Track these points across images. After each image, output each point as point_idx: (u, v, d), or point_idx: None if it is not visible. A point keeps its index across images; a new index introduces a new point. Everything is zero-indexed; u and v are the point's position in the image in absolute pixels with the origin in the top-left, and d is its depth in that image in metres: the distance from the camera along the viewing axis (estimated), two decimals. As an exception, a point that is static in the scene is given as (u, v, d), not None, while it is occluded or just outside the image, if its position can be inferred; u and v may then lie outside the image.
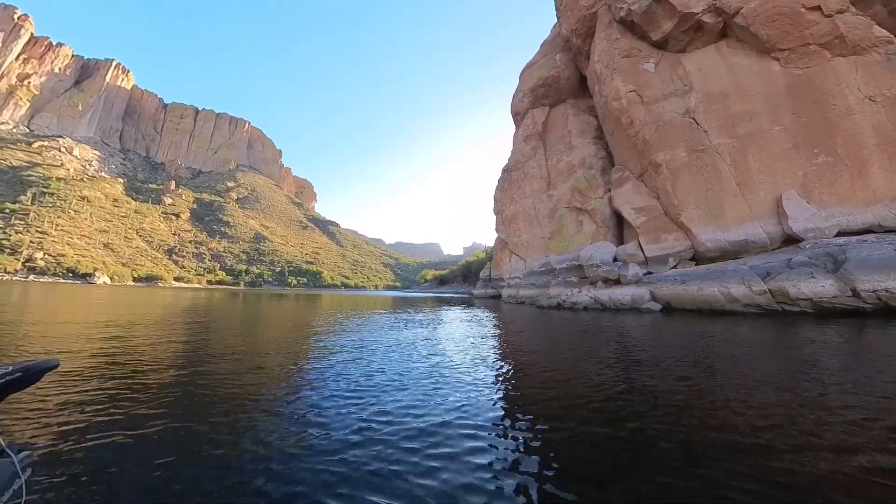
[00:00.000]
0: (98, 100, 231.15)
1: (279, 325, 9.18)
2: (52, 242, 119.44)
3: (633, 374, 4.25)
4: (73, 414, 2.91)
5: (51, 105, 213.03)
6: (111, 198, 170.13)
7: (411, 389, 3.59)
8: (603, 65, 22.57)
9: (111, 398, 3.33)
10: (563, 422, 2.75)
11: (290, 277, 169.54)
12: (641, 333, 8.39)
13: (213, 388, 3.75)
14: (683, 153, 18.43)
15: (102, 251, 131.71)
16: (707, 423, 2.70)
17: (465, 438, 2.55)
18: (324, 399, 3.41)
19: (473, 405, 3.12)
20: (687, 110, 18.73)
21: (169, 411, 3.06)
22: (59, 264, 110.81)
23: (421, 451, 2.36)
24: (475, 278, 56.18)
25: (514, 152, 35.73)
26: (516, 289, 29.98)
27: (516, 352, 5.85)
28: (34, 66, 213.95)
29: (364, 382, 3.85)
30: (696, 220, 17.74)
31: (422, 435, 2.58)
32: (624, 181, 22.19)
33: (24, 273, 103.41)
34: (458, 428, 2.65)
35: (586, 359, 5.17)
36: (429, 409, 3.03)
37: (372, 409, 3.12)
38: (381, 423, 2.79)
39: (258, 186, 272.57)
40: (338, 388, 3.74)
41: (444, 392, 3.46)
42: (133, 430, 2.62)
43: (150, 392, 3.55)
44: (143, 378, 4.06)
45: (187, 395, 3.52)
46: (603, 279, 18.69)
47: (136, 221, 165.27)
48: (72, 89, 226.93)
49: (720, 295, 13.18)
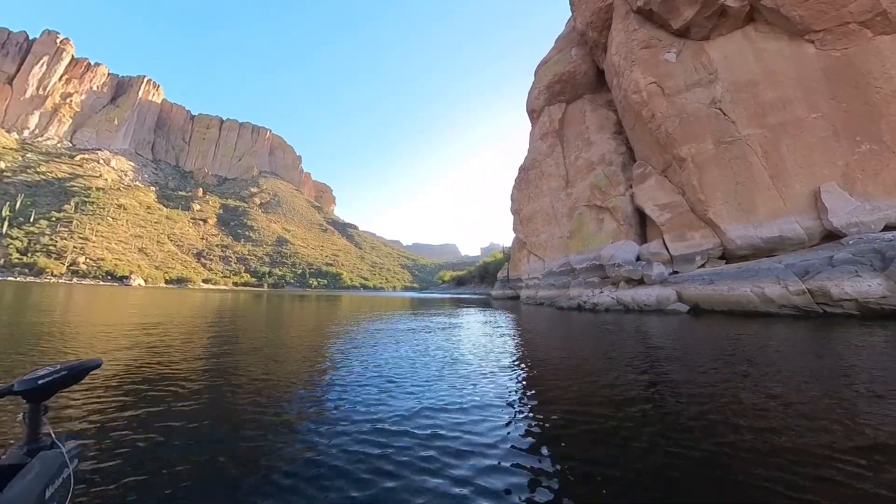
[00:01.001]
0: (132, 114, 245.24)
1: (302, 325, 9.29)
2: (92, 248, 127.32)
3: (660, 378, 4.03)
4: (114, 409, 3.09)
5: (90, 121, 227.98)
6: (145, 205, 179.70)
7: (427, 393, 3.55)
8: (621, 57, 21.85)
9: (148, 394, 3.52)
10: (584, 424, 2.62)
11: (311, 279, 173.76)
12: (668, 336, 8.01)
13: (242, 385, 3.90)
14: (710, 146, 17.57)
15: (137, 255, 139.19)
16: (739, 431, 2.50)
17: (482, 440, 2.50)
18: (348, 397, 3.44)
19: (492, 408, 3.03)
20: (712, 100, 17.85)
21: (201, 407, 3.20)
22: (99, 268, 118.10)
23: (436, 452, 2.35)
24: (493, 279, 55.74)
25: (531, 151, 35.19)
26: (535, 289, 29.49)
27: (536, 354, 5.68)
28: (75, 85, 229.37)
29: (384, 384, 3.82)
30: (726, 215, 16.87)
31: (437, 437, 2.54)
32: (646, 177, 21.40)
33: (69, 276, 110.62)
34: (475, 431, 2.57)
35: (609, 362, 4.96)
36: (446, 412, 2.97)
37: (390, 410, 3.10)
38: (396, 425, 2.81)
39: (280, 191, 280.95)
40: (361, 387, 3.80)
41: (462, 395, 3.38)
42: (168, 425, 2.78)
43: (185, 389, 3.72)
44: (178, 376, 4.23)
45: (218, 392, 3.67)
46: (625, 279, 18.06)
47: (168, 227, 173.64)
48: (108, 105, 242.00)
49: (753, 295, 12.46)
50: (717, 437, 2.55)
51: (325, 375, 4.36)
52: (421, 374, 4.22)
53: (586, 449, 2.44)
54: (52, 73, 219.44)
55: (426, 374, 4.23)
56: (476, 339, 7.08)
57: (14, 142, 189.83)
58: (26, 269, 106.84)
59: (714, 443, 2.47)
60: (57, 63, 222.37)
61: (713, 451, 2.34)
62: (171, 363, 4.93)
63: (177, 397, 3.44)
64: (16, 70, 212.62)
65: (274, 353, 5.71)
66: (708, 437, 2.54)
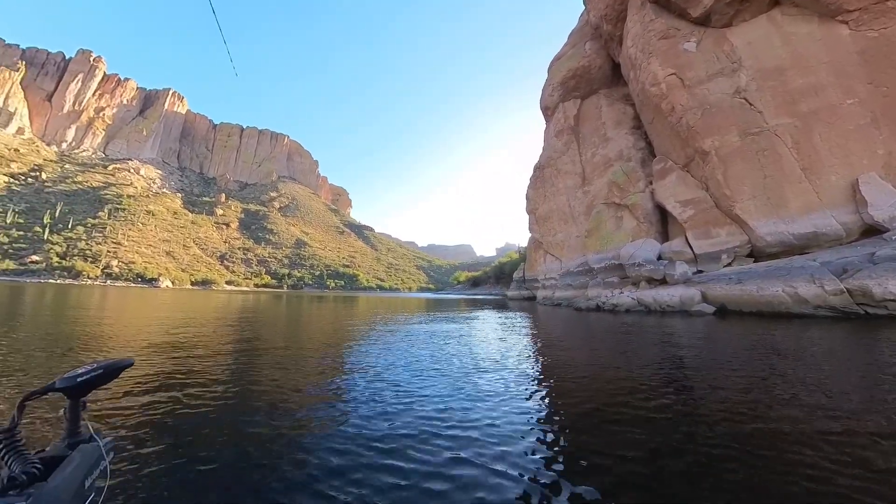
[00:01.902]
0: (159, 125, 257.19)
1: (321, 326, 9.32)
2: (124, 251, 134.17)
3: (687, 383, 3.78)
4: (144, 405, 3.23)
5: (121, 132, 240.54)
6: (172, 211, 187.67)
7: (443, 395, 3.46)
8: (638, 49, 21.16)
9: (175, 392, 3.65)
10: (604, 430, 2.45)
11: (328, 280, 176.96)
12: (693, 338, 7.62)
13: (264, 384, 4.00)
14: (735, 138, 16.75)
15: (165, 258, 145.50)
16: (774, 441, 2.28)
17: (498, 445, 2.44)
18: (366, 399, 3.43)
19: (510, 412, 2.90)
20: (737, 90, 17.01)
21: (225, 405, 3.30)
22: (130, 270, 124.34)
23: (451, 455, 2.31)
24: (509, 279, 55.21)
25: (546, 148, 34.63)
26: (552, 290, 28.97)
27: (554, 356, 5.47)
28: (107, 99, 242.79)
29: (399, 386, 3.75)
30: (754, 211, 16.04)
31: (452, 441, 2.48)
32: (667, 172, 20.64)
33: (103, 279, 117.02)
34: (491, 435, 2.46)
35: (632, 365, 4.72)
36: (461, 415, 2.86)
37: (407, 411, 3.06)
38: (412, 426, 2.79)
39: (298, 196, 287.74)
40: (378, 387, 3.81)
41: (477, 399, 3.26)
42: (194, 422, 2.90)
43: (211, 388, 3.83)
44: (204, 375, 4.35)
45: (241, 390, 3.79)
46: (646, 279, 17.45)
47: (193, 231, 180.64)
48: (137, 117, 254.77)
49: (785, 295, 11.76)
50: (748, 446, 2.34)
51: (344, 375, 4.35)
52: (438, 379, 4.12)
53: (611, 453, 2.30)
54: (87, 89, 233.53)
55: (443, 379, 4.13)
56: (493, 343, 6.92)
57: (53, 154, 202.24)
58: (65, 273, 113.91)
59: (746, 451, 2.27)
60: (91, 79, 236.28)
61: (744, 459, 2.15)
62: (197, 363, 5.07)
63: (203, 396, 3.55)
64: (54, 87, 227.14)
65: (295, 355, 5.79)
66: (739, 446, 2.33)
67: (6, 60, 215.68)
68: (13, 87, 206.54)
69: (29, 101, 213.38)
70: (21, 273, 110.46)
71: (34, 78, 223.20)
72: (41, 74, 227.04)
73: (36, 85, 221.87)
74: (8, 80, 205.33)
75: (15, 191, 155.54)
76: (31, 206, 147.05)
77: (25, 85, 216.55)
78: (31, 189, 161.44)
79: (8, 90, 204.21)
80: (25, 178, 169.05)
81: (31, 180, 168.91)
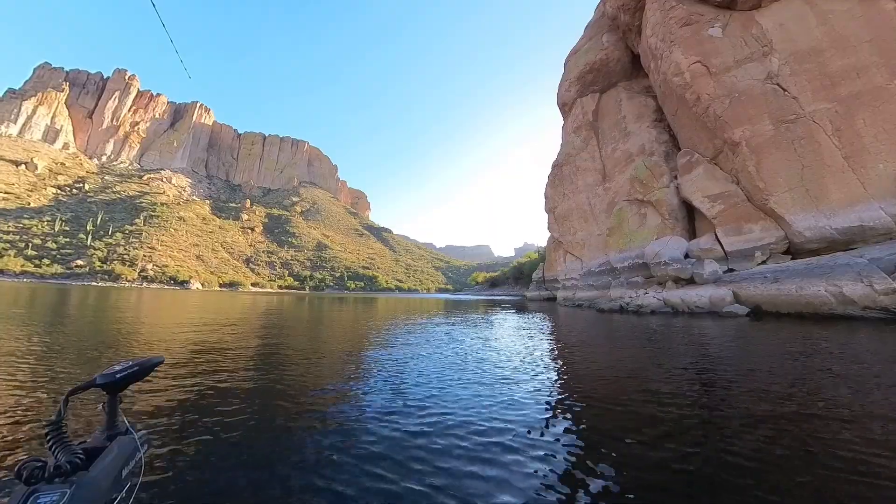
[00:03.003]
0: (188, 136, 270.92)
1: (343, 327, 9.34)
2: (158, 256, 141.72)
3: (718, 392, 3.48)
4: (174, 401, 3.37)
5: (154, 144, 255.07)
6: (201, 217, 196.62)
7: (462, 399, 3.32)
8: (658, 38, 20.30)
9: (204, 387, 3.78)
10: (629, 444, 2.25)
11: (348, 282, 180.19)
12: (725, 342, 7.13)
13: (290, 381, 4.09)
14: (768, 126, 15.75)
15: (195, 262, 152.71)
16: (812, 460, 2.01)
17: (518, 454, 2.33)
18: (386, 401, 3.38)
19: (531, 420, 2.74)
20: (768, 75, 15.99)
21: (250, 402, 3.38)
22: (164, 273, 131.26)
23: (469, 461, 2.24)
24: (527, 280, 54.41)
25: (564, 145, 33.86)
26: (572, 290, 28.26)
27: (577, 361, 5.21)
28: (141, 114, 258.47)
29: (416, 389, 3.66)
30: (790, 204, 15.02)
31: (471, 445, 2.40)
32: (693, 166, 19.68)
33: (139, 281, 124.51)
34: (510, 442, 2.32)
35: (659, 372, 4.43)
36: (479, 422, 2.73)
37: (428, 414, 2.91)
38: (433, 429, 2.75)
39: (318, 200, 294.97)
40: (398, 390, 3.75)
41: (495, 405, 3.11)
42: (220, 419, 2.96)
43: (236, 386, 3.92)
44: (230, 374, 4.46)
45: (264, 388, 3.86)
46: (673, 278, 16.67)
47: (221, 236, 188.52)
48: (168, 130, 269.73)
49: (828, 295, 10.90)
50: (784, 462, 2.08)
51: (366, 377, 4.30)
52: (458, 383, 3.99)
53: (637, 461, 2.10)
54: (123, 106, 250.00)
55: (462, 383, 3.99)
56: (514, 345, 6.72)
57: (94, 166, 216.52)
58: (106, 276, 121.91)
59: (780, 466, 2.00)
60: (126, 96, 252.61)
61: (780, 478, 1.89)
62: (225, 361, 5.22)
63: (229, 392, 3.65)
64: (94, 105, 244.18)
65: (318, 355, 5.87)
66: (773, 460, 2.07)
67: (53, 82, 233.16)
68: (59, 107, 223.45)
69: (73, 118, 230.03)
70: (67, 276, 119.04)
71: (77, 97, 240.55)
72: (83, 93, 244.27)
73: (78, 104, 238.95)
74: (55, 101, 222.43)
75: (62, 201, 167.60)
76: (75, 214, 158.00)
77: (69, 104, 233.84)
78: (75, 199, 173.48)
79: (55, 109, 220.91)
80: (70, 189, 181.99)
81: (76, 191, 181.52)
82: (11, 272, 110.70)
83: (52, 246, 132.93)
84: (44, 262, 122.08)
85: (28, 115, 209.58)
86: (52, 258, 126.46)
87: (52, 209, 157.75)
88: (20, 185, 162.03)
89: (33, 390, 3.57)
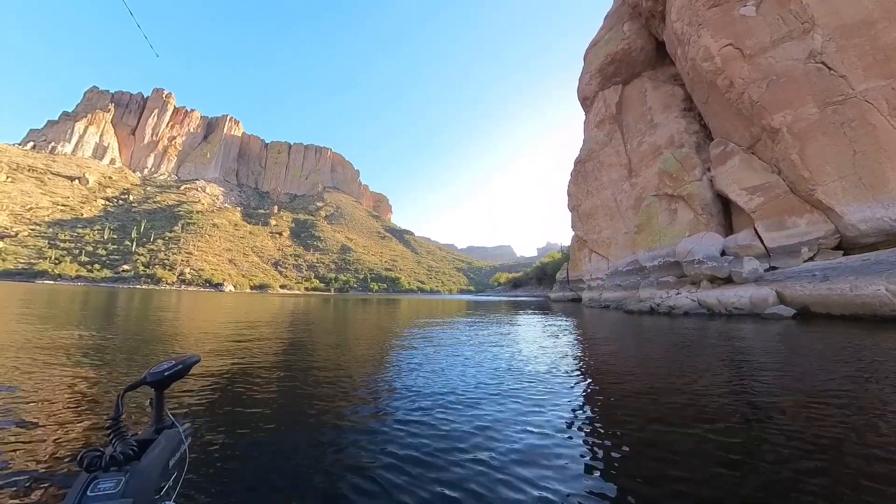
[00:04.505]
0: (220, 148, 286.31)
1: (367, 329, 9.30)
2: (195, 260, 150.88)
3: (763, 407, 3.06)
4: (210, 397, 3.50)
5: (189, 157, 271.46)
6: (232, 223, 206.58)
7: (482, 405, 3.23)
8: (684, 23, 19.18)
9: (237, 384, 3.92)
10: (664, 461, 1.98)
11: (372, 283, 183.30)
12: (769, 347, 6.48)
13: (315, 383, 4.13)
14: (812, 109, 14.47)
15: (228, 265, 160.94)
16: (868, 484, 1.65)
17: (550, 462, 2.19)
18: (409, 404, 3.34)
19: (559, 431, 2.51)
20: (810, 54, 14.68)
21: (283, 401, 3.46)
22: (200, 276, 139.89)
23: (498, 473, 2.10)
24: (551, 280, 53.19)
25: (587, 141, 32.81)
26: (599, 291, 27.26)
27: (607, 367, 4.83)
28: (177, 129, 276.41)
29: (442, 396, 3.52)
30: (841, 194, 13.71)
31: (499, 458, 2.20)
32: (728, 156, 18.44)
33: (178, 284, 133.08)
34: (536, 455, 2.11)
35: (696, 379, 4.02)
36: (502, 431, 2.53)
37: (448, 425, 2.77)
38: (462, 437, 2.64)
39: (342, 204, 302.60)
40: (420, 395, 3.72)
41: (526, 416, 2.89)
42: (251, 417, 3.05)
43: (266, 385, 4.03)
44: (261, 373, 4.60)
45: (299, 383, 4.03)
46: (708, 278, 15.62)
47: (251, 241, 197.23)
48: (202, 143, 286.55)
49: (889, 295, 9.78)
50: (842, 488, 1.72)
51: (390, 380, 4.26)
52: (481, 388, 3.79)
53: (669, 490, 1.81)
54: (161, 123, 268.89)
55: (486, 388, 3.79)
56: (538, 350, 6.40)
57: (138, 179, 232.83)
58: (149, 279, 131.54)
59: None
60: (164, 114, 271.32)
61: None
62: (256, 358, 5.40)
63: (262, 389, 3.77)
64: (136, 123, 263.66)
65: (345, 354, 5.98)
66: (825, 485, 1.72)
67: (101, 104, 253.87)
68: (106, 126, 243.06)
69: (118, 135, 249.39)
70: (115, 280, 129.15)
71: (121, 116, 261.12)
72: (126, 113, 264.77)
73: (123, 122, 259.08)
74: (102, 121, 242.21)
75: (110, 212, 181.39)
76: (122, 223, 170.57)
77: (115, 123, 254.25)
78: (121, 209, 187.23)
79: (102, 128, 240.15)
80: (117, 200, 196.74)
81: (122, 202, 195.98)
82: (68, 276, 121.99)
83: (101, 252, 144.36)
84: (95, 267, 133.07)
85: (80, 135, 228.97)
86: (102, 263, 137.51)
87: (102, 219, 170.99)
88: (74, 198, 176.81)
89: (93, 385, 3.83)
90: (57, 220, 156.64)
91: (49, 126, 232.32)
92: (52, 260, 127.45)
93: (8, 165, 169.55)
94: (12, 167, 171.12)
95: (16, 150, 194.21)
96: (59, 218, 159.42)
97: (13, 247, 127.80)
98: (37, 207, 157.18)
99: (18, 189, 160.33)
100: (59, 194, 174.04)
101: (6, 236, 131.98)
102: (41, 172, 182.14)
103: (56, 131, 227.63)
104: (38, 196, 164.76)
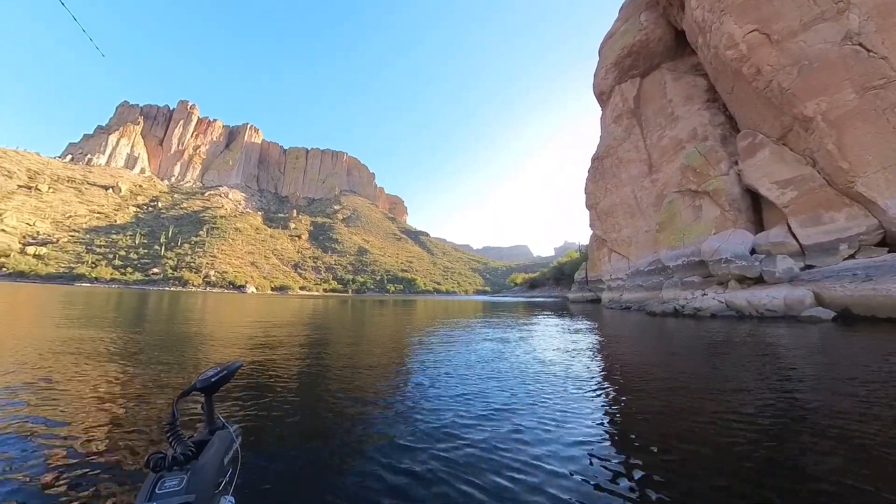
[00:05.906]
0: (241, 155, 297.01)
1: (385, 330, 9.23)
2: (219, 263, 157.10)
3: (801, 422, 2.75)
4: (251, 399, 3.62)
5: (213, 164, 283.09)
6: (254, 227, 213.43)
7: (509, 414, 3.13)
8: (705, 9, 18.29)
9: (275, 387, 4.05)
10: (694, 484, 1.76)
11: (388, 285, 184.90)
12: (807, 353, 5.98)
13: (339, 384, 4.25)
14: (850, 95, 13.46)
15: (250, 268, 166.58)
16: None
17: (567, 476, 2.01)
18: (428, 407, 3.44)
19: (579, 441, 2.37)
20: (846, 35, 13.65)
21: (312, 402, 3.61)
22: (224, 279, 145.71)
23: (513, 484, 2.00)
24: (569, 281, 52.09)
25: (604, 137, 31.91)
26: (619, 291, 26.44)
27: (630, 376, 4.52)
28: (201, 139, 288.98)
29: (460, 401, 3.41)
30: (885, 186, 12.69)
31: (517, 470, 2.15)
32: (757, 148, 17.46)
33: (203, 286, 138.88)
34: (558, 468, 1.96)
35: (726, 389, 3.71)
36: (530, 442, 2.44)
37: (466, 434, 2.66)
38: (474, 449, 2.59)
39: (358, 207, 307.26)
40: (439, 398, 3.80)
41: (545, 424, 2.71)
42: (286, 419, 3.16)
43: (300, 381, 4.30)
44: (293, 370, 4.81)
45: (322, 387, 4.13)
46: (737, 278, 14.82)
47: (271, 244, 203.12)
48: (224, 151, 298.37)
49: (946, 294, 8.96)
50: None
51: (406, 385, 4.26)
52: (499, 395, 3.63)
53: None
54: (186, 133, 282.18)
55: (511, 397, 3.63)
56: (557, 353, 6.16)
57: (166, 187, 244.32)
58: (176, 282, 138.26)
59: None
60: (189, 124, 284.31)
61: None
62: (287, 361, 5.49)
63: (293, 389, 3.95)
64: (164, 134, 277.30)
65: (365, 360, 6.00)
66: None
67: (131, 117, 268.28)
68: (136, 137, 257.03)
69: (147, 146, 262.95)
70: (146, 282, 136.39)
71: (150, 128, 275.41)
72: (154, 124, 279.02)
73: (151, 133, 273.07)
74: (133, 133, 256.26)
75: (141, 218, 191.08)
76: (151, 229, 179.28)
77: (144, 134, 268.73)
78: (151, 216, 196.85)
79: (133, 140, 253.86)
80: (147, 207, 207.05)
81: (151, 209, 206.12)
82: (104, 279, 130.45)
83: (133, 256, 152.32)
84: (128, 271, 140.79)
85: (113, 147, 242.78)
86: (133, 267, 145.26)
87: (133, 225, 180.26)
88: (108, 206, 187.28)
89: (144, 389, 3.94)
90: (93, 227, 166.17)
91: (85, 139, 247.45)
92: (89, 264, 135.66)
93: (50, 177, 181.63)
94: (54, 179, 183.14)
95: (57, 162, 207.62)
96: (96, 225, 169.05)
97: (55, 252, 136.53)
98: (75, 215, 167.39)
99: (59, 198, 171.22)
100: (95, 203, 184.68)
101: (49, 242, 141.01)
102: (79, 183, 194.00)
103: (91, 144, 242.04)
104: (77, 205, 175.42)
